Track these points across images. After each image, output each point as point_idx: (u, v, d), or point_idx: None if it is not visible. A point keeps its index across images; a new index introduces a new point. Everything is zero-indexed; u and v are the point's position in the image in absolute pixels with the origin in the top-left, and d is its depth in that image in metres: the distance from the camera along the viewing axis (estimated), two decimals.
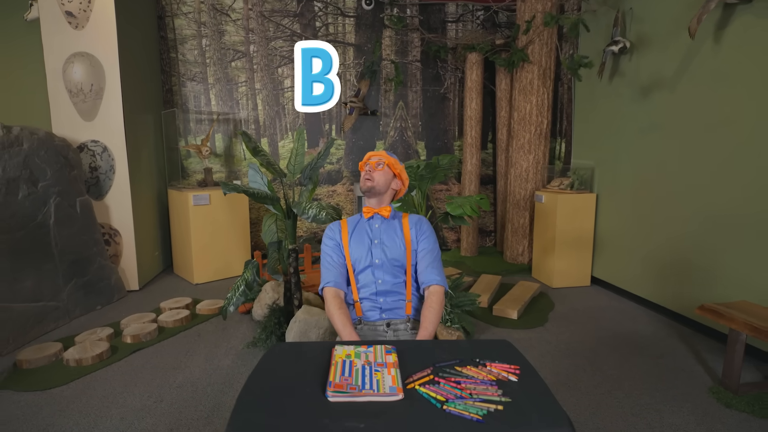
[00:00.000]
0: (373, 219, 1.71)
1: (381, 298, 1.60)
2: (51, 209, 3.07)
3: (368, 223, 1.71)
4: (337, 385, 0.98)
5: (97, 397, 2.15)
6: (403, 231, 1.68)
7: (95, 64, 3.50)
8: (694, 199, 2.91)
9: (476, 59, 4.61)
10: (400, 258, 1.64)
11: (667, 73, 3.10)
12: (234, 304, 2.37)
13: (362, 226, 1.70)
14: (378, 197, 1.69)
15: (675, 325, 3.03)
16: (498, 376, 1.05)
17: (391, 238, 1.66)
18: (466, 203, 2.68)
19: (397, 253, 1.64)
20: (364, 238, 1.66)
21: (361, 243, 1.66)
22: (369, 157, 1.71)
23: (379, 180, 1.66)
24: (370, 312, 1.60)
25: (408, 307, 1.62)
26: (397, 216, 1.75)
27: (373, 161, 1.68)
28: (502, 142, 4.85)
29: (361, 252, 1.64)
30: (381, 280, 1.62)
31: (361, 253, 1.64)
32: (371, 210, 1.69)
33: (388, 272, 1.62)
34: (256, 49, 4.68)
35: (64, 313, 3.08)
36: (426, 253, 1.66)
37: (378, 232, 1.67)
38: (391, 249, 1.64)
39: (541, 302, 3.50)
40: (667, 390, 2.21)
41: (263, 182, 2.53)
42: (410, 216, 1.75)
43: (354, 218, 1.77)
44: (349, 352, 1.15)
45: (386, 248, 1.64)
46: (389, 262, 1.62)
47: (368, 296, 1.61)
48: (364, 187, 1.68)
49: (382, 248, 1.64)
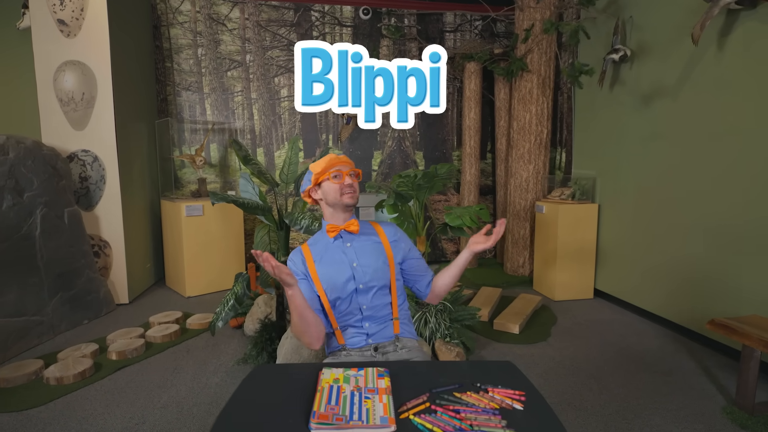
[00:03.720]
0: (341, 238, 1.48)
1: (367, 323, 1.42)
2: (37, 220, 2.97)
3: (337, 243, 1.47)
4: (322, 416, 0.88)
5: (75, 419, 2.03)
6: (384, 245, 1.49)
7: (87, 73, 3.43)
8: (699, 209, 2.83)
9: (475, 68, 4.56)
10: (385, 278, 1.45)
11: (669, 81, 3.04)
12: (223, 319, 2.27)
13: (332, 249, 1.46)
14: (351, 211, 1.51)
15: (682, 340, 2.92)
16: (501, 403, 0.95)
17: (372, 256, 1.46)
18: (465, 214, 2.59)
19: (382, 273, 1.44)
20: (338, 262, 1.44)
21: (335, 268, 1.43)
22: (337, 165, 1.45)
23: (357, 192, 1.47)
24: (354, 339, 1.42)
25: (395, 325, 1.45)
26: (366, 228, 1.53)
27: (346, 170, 1.45)
28: (501, 151, 4.78)
29: (338, 278, 1.41)
30: (366, 305, 1.42)
31: (337, 280, 1.41)
32: (336, 228, 1.45)
33: (374, 296, 1.43)
34: (253, 59, 4.63)
35: (48, 328, 2.96)
36: (418, 260, 1.56)
37: (353, 252, 1.45)
38: (375, 270, 1.43)
39: (543, 316, 3.39)
40: (678, 410, 2.09)
41: (255, 192, 2.44)
42: (383, 225, 1.57)
43: (316, 240, 1.52)
44: (338, 376, 1.05)
45: (368, 270, 1.43)
46: (374, 284, 1.43)
47: (352, 323, 1.43)
48: (350, 202, 1.44)
49: (363, 270, 1.43)
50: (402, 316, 1.49)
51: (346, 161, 1.47)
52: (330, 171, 1.43)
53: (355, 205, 1.46)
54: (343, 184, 1.42)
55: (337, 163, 1.44)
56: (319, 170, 1.44)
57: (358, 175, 1.48)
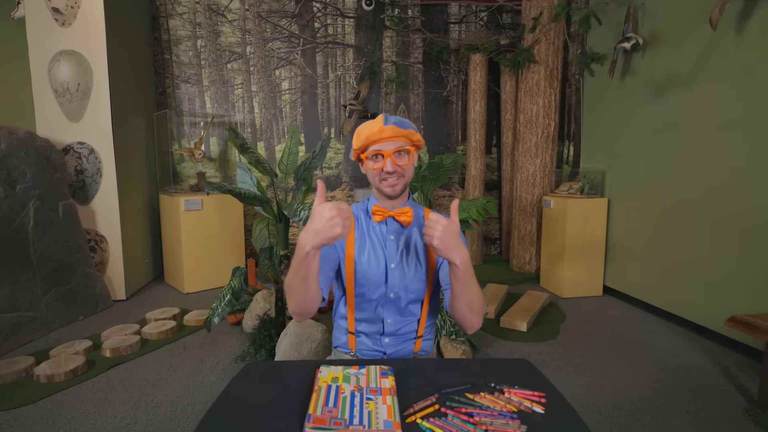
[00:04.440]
0: (385, 225, 1.19)
1: (387, 339, 1.21)
2: (30, 213, 2.89)
3: (380, 230, 1.18)
4: (318, 420, 0.78)
5: (65, 419, 1.94)
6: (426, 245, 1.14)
7: (82, 63, 3.35)
8: (713, 203, 2.71)
9: (480, 60, 4.45)
10: (421, 290, 1.17)
11: (684, 70, 2.92)
12: (219, 315, 2.17)
13: (371, 234, 1.18)
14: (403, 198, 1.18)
15: (697, 338, 2.81)
16: (519, 405, 0.85)
17: (414, 259, 1.16)
18: (471, 206, 2.49)
19: (419, 283, 1.16)
20: (372, 257, 1.16)
21: (369, 261, 1.15)
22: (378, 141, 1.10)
23: (408, 174, 1.15)
24: (369, 352, 1.22)
25: (417, 344, 1.23)
26: (419, 217, 1.21)
27: (389, 150, 1.09)
28: (507, 145, 4.67)
29: (369, 276, 1.14)
30: (391, 320, 1.18)
31: (369, 279, 1.14)
32: (383, 212, 1.15)
33: (404, 309, 1.18)
34: (253, 51, 4.54)
35: (42, 325, 2.88)
36: None
37: (395, 249, 1.16)
38: (413, 278, 1.15)
39: (551, 313, 3.28)
40: (697, 412, 1.99)
41: (252, 183, 2.34)
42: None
43: (357, 211, 1.22)
44: (336, 375, 0.96)
45: (407, 277, 1.15)
46: (407, 296, 1.16)
47: (369, 333, 1.21)
48: (390, 193, 1.14)
49: (401, 276, 1.15)
50: (427, 334, 1.25)
51: (391, 135, 1.09)
52: (367, 150, 1.12)
53: (399, 195, 1.16)
54: (382, 170, 1.11)
55: (377, 139, 1.09)
56: (357, 146, 1.13)
57: (410, 151, 1.12)
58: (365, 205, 1.24)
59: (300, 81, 4.64)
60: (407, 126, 1.12)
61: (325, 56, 4.65)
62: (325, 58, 4.65)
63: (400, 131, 1.09)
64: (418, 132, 1.15)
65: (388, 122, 1.09)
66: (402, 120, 1.13)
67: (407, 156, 1.12)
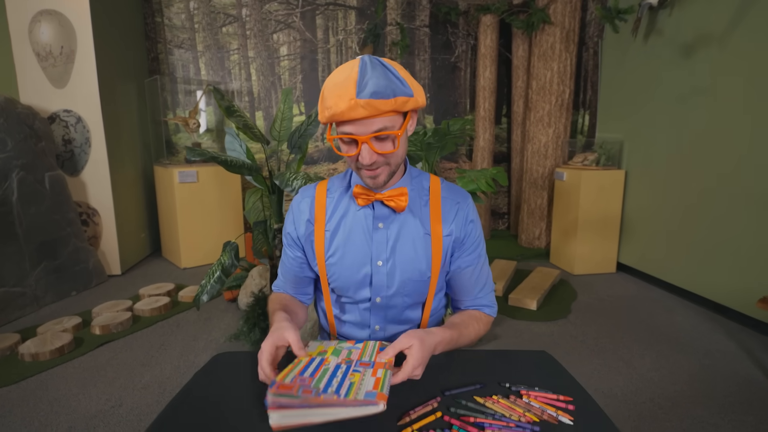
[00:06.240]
0: (371, 210, 0.90)
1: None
2: (13, 184, 2.74)
3: (363, 216, 0.90)
4: (284, 386, 0.61)
5: (47, 400, 1.84)
6: (432, 232, 0.89)
7: (65, 24, 3.12)
8: (742, 176, 2.49)
9: (491, 22, 4.15)
10: (420, 293, 0.93)
11: (717, 28, 2.65)
12: (208, 293, 2.04)
13: (353, 221, 0.90)
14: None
15: (718, 318, 2.65)
16: (542, 414, 0.69)
17: (411, 250, 0.89)
18: (480, 177, 2.30)
19: (419, 283, 0.91)
20: (354, 249, 0.89)
21: (344, 259, 0.90)
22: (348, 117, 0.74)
23: (396, 159, 0.83)
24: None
25: None
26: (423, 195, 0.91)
27: (365, 135, 0.77)
28: (518, 115, 4.41)
29: (345, 278, 0.91)
30: (380, 326, 0.95)
31: (346, 282, 0.91)
32: (368, 194, 0.86)
33: (397, 314, 0.94)
34: (249, 13, 4.27)
35: (31, 300, 2.78)
36: (474, 268, 0.94)
37: (384, 240, 0.89)
38: (410, 278, 0.90)
39: (562, 291, 3.13)
40: (723, 398, 1.84)
41: (242, 150, 2.16)
42: (445, 193, 0.92)
43: (336, 188, 0.93)
44: (326, 349, 0.78)
45: (400, 273, 0.89)
46: (402, 300, 0.92)
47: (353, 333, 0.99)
48: (373, 185, 0.85)
49: (391, 273, 0.89)
50: None
51: (366, 113, 0.74)
52: (338, 129, 0.80)
53: (384, 184, 0.86)
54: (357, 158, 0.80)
55: (346, 115, 0.74)
56: (323, 119, 0.78)
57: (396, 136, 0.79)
58: (347, 178, 0.93)
59: (299, 46, 4.38)
60: (393, 92, 0.74)
61: (326, 19, 4.37)
62: (325, 21, 4.37)
63: (380, 107, 0.73)
64: (416, 86, 0.79)
65: (363, 91, 0.72)
66: (387, 82, 0.74)
67: (392, 142, 0.79)
